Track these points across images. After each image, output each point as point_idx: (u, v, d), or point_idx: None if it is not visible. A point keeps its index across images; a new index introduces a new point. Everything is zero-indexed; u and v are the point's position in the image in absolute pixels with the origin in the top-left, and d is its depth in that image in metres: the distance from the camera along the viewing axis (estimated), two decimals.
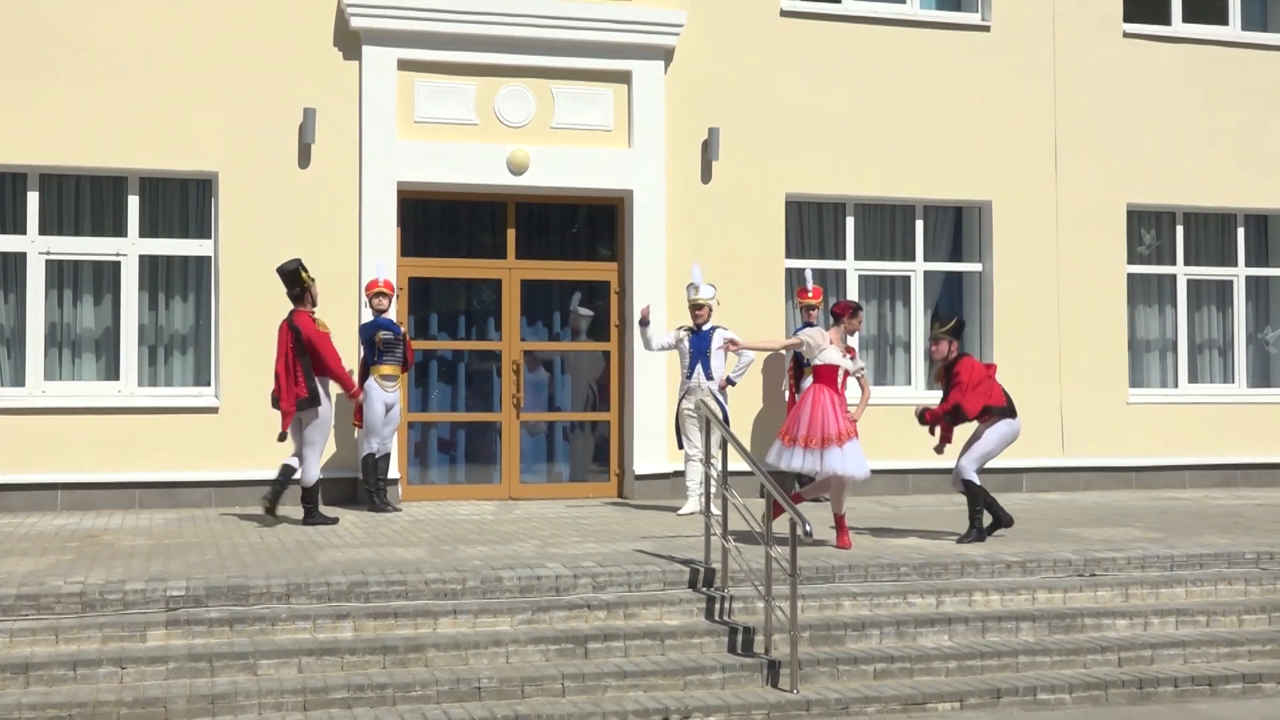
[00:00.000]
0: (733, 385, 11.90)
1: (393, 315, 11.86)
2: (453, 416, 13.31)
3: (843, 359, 9.81)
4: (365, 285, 12.05)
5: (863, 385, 10.19)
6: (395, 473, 12.36)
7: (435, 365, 13.17)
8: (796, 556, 7.59)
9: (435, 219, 13.26)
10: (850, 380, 10.35)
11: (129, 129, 12.17)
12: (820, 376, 9.72)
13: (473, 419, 13.30)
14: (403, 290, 12.82)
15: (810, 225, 14.09)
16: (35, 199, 12.27)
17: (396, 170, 12.65)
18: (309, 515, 10.68)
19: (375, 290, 11.68)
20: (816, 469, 9.48)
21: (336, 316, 11.78)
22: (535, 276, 13.31)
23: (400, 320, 12.42)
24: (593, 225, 13.64)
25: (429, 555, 8.90)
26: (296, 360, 10.50)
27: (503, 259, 13.24)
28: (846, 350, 10.06)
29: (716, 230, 13.39)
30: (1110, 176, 14.57)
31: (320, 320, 10.80)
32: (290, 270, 10.76)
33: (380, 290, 11.66)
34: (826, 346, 9.76)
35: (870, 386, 10.17)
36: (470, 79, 12.92)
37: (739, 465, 9.30)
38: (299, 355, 10.51)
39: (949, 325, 10.17)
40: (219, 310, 12.35)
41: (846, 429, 9.52)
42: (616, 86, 13.25)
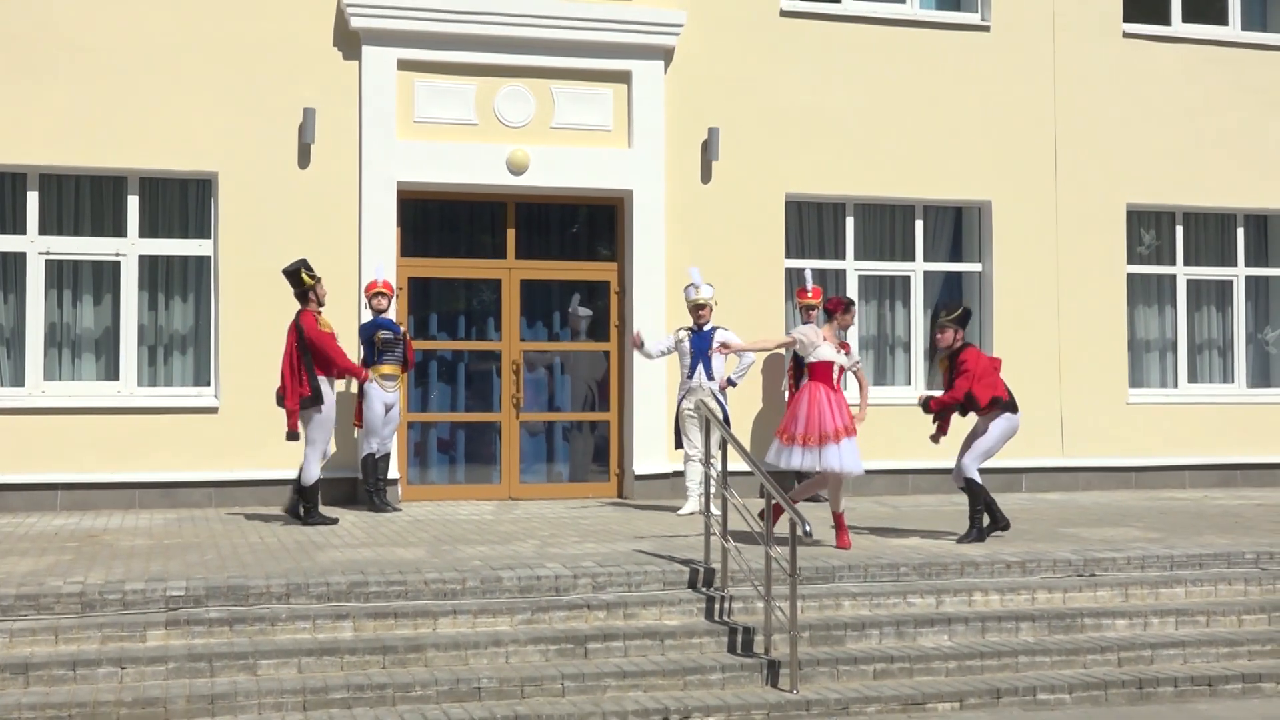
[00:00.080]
0: (733, 386, 11.90)
1: (392, 315, 11.88)
2: (452, 416, 13.31)
3: (837, 355, 9.80)
4: (365, 286, 12.08)
5: (861, 380, 10.17)
6: (395, 473, 12.37)
7: (435, 365, 13.18)
8: (796, 556, 7.59)
9: (435, 219, 13.26)
10: (849, 377, 10.36)
11: (129, 129, 12.17)
12: (815, 374, 9.71)
13: (472, 419, 13.31)
14: (402, 290, 12.82)
15: (810, 225, 14.09)
16: (35, 199, 12.27)
17: (396, 170, 12.65)
18: (308, 515, 10.69)
19: (374, 290, 11.70)
20: (815, 466, 9.49)
21: (336, 317, 11.75)
22: (535, 276, 13.32)
23: (400, 320, 12.42)
24: (592, 225, 13.64)
25: (429, 555, 8.90)
26: (300, 360, 10.57)
27: (502, 259, 13.24)
28: (841, 346, 10.05)
29: (716, 230, 13.39)
30: (1110, 176, 14.58)
31: (324, 319, 10.83)
32: (291, 271, 10.81)
33: (379, 290, 11.68)
34: (820, 343, 9.75)
35: (868, 382, 10.15)
36: (470, 79, 12.93)
37: (739, 465, 9.31)
38: (302, 354, 10.58)
39: (955, 313, 10.15)
40: (219, 310, 12.36)
41: (844, 425, 9.52)
42: (616, 86, 13.26)
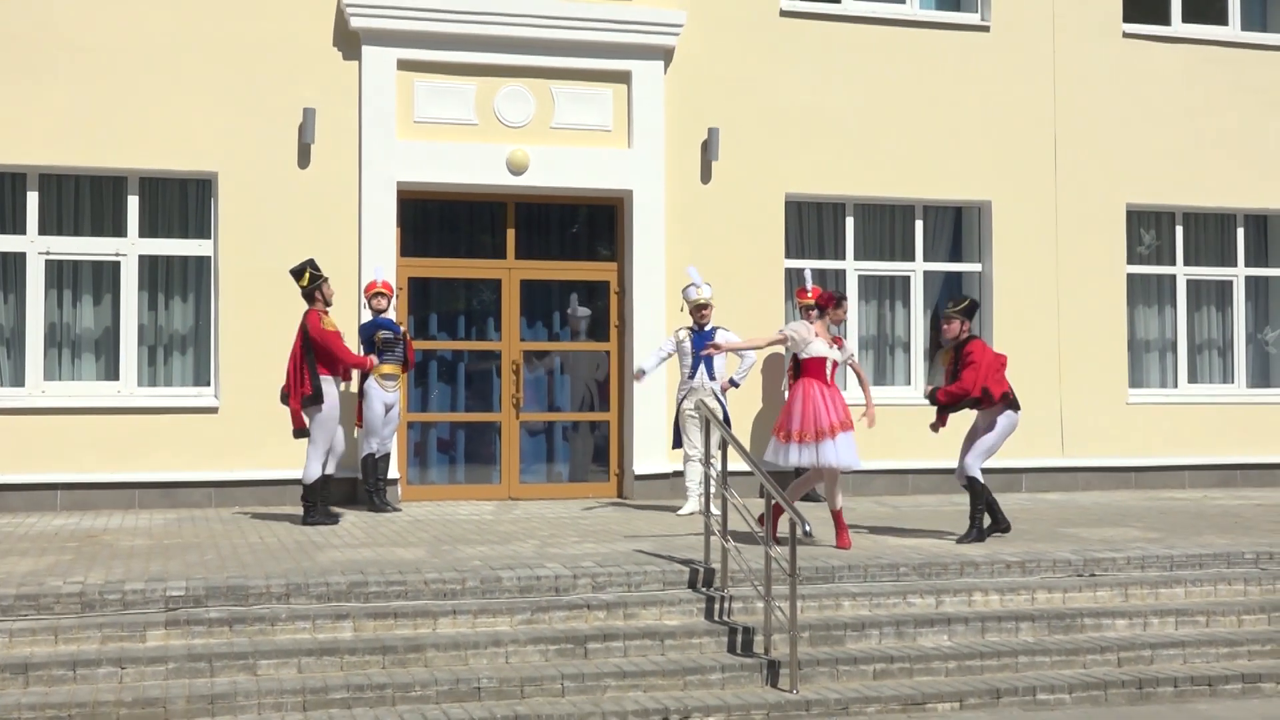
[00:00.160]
0: (736, 387, 11.88)
1: (392, 315, 11.88)
2: (452, 417, 13.31)
3: (829, 350, 9.76)
4: (364, 286, 12.08)
5: (859, 373, 10.16)
6: (395, 473, 12.37)
7: (435, 365, 13.18)
8: (796, 556, 7.59)
9: (435, 219, 13.26)
10: (849, 372, 10.32)
11: (129, 129, 12.17)
12: (808, 370, 9.68)
13: (472, 419, 13.31)
14: (402, 290, 12.82)
15: (810, 225, 14.08)
16: (35, 199, 12.27)
17: (396, 170, 12.65)
18: (308, 514, 10.69)
19: (374, 291, 11.71)
20: (813, 462, 9.47)
21: (336, 317, 11.70)
22: (535, 276, 13.32)
23: (400, 320, 12.42)
24: (592, 225, 13.64)
25: (428, 555, 8.90)
26: (304, 359, 10.61)
27: (502, 259, 13.24)
28: (834, 341, 10.04)
29: (716, 230, 13.39)
30: (1110, 176, 14.58)
31: (328, 319, 10.84)
32: (294, 271, 10.90)
33: (379, 291, 11.69)
34: (812, 339, 9.71)
35: (869, 380, 10.11)
36: (470, 79, 12.93)
37: (739, 465, 9.30)
38: (306, 353, 10.61)
39: (962, 305, 10.14)
40: (219, 310, 12.36)
41: (840, 420, 9.51)
42: (616, 86, 13.26)
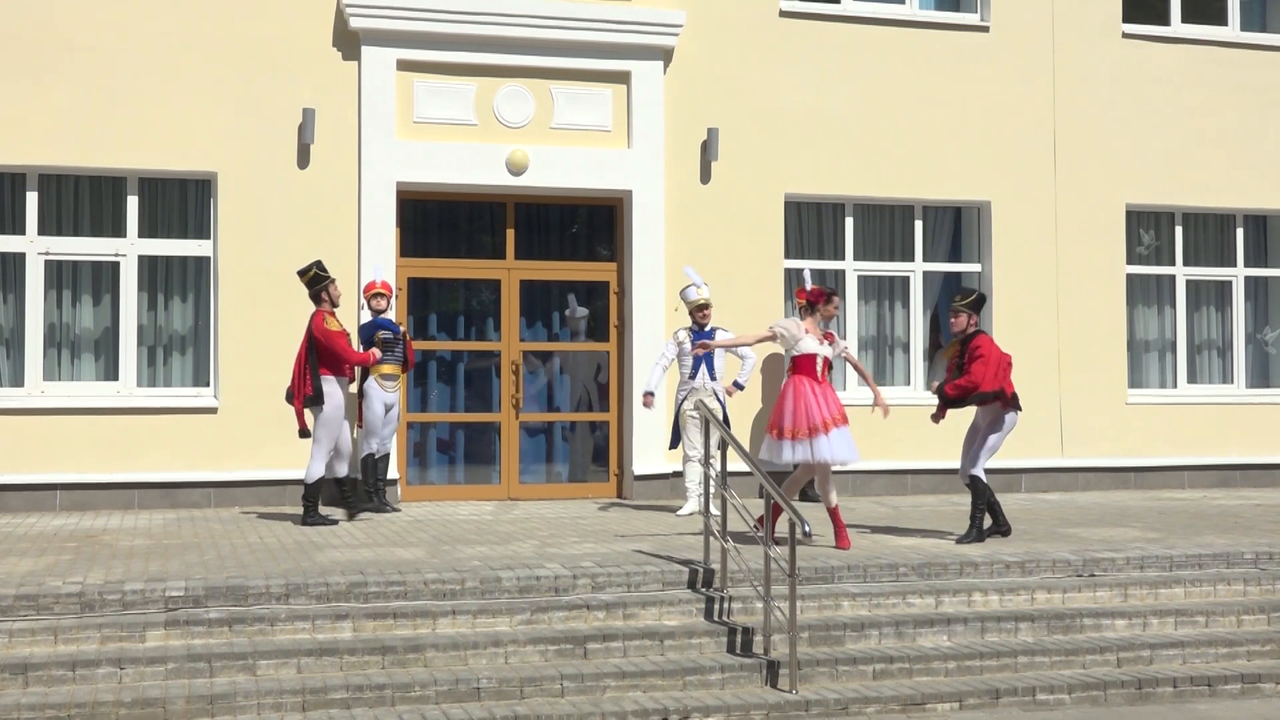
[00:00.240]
0: (740, 389, 11.84)
1: (392, 315, 11.88)
2: (452, 417, 13.31)
3: (820, 347, 9.74)
4: (364, 287, 12.07)
5: (858, 367, 10.12)
6: (394, 473, 12.37)
7: (434, 365, 13.18)
8: (795, 557, 7.59)
9: (434, 219, 13.26)
10: (849, 370, 10.30)
11: (129, 129, 12.17)
12: (799, 367, 9.65)
13: (472, 419, 13.31)
14: (402, 290, 12.82)
15: (809, 226, 14.08)
16: (34, 199, 12.27)
17: (396, 170, 12.65)
18: (307, 514, 10.69)
19: (373, 291, 11.70)
20: (808, 458, 9.46)
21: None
22: (534, 277, 13.32)
23: (400, 320, 12.42)
24: (592, 225, 13.64)
25: (428, 556, 8.90)
26: (308, 359, 10.66)
27: (502, 259, 13.24)
28: (825, 337, 10.02)
29: (716, 231, 13.39)
30: (1109, 177, 14.58)
31: (333, 319, 10.85)
32: (299, 272, 10.98)
33: (378, 291, 11.68)
34: (802, 336, 9.67)
35: (868, 370, 10.05)
36: (469, 79, 12.93)
37: (738, 465, 9.30)
38: (310, 354, 10.66)
39: (970, 299, 10.12)
40: (218, 310, 12.36)
41: (833, 416, 9.49)
42: (616, 87, 13.26)
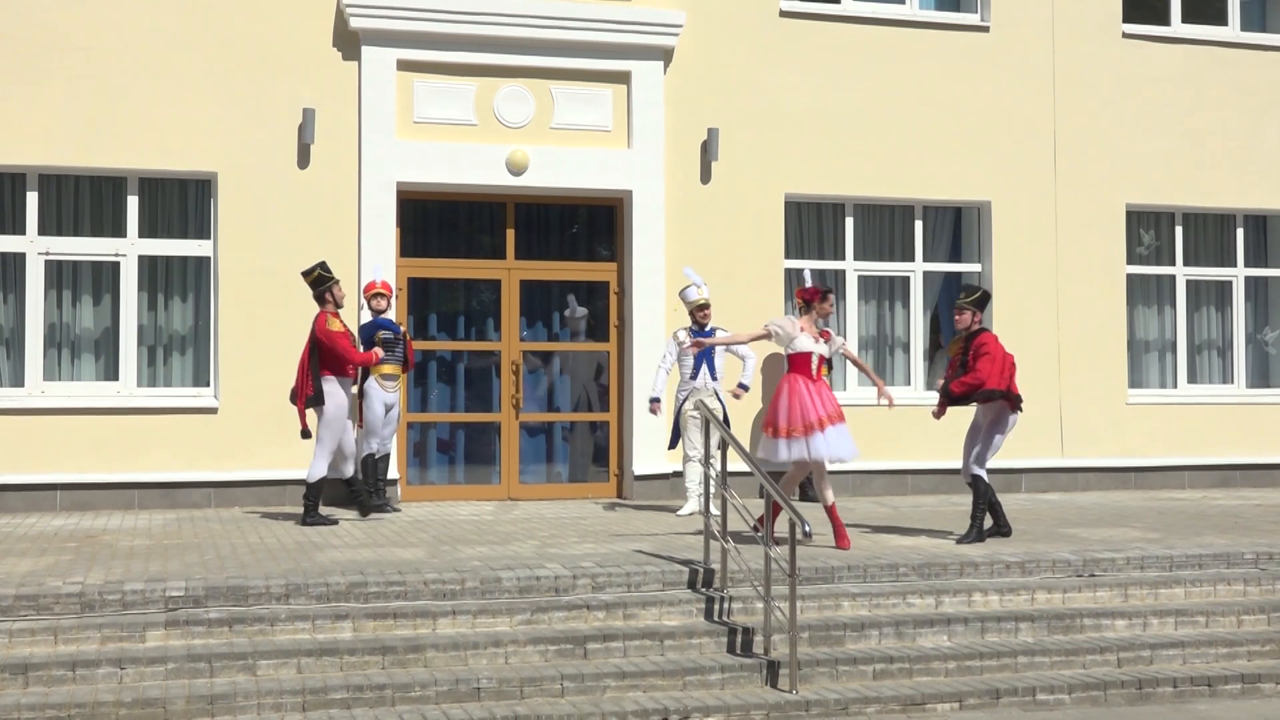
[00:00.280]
0: (746, 390, 11.79)
1: (392, 315, 11.88)
2: (452, 417, 13.31)
3: (816, 345, 9.73)
4: (364, 287, 12.07)
5: (858, 362, 10.09)
6: (394, 473, 12.37)
7: (434, 366, 13.18)
8: (795, 557, 7.59)
9: (434, 219, 13.26)
10: (849, 366, 10.29)
11: (128, 129, 12.17)
12: (794, 366, 9.63)
13: (472, 419, 13.31)
14: (402, 291, 12.82)
15: (809, 226, 14.08)
16: (34, 199, 12.27)
17: (396, 171, 12.65)
18: (307, 514, 10.69)
19: (373, 291, 11.70)
20: (804, 456, 9.45)
21: None
22: (534, 277, 13.32)
23: (400, 320, 12.42)
24: (592, 226, 13.64)
25: (428, 556, 8.90)
26: (310, 359, 10.69)
27: (502, 259, 13.24)
28: (821, 335, 10.03)
29: (716, 231, 13.39)
30: (1109, 177, 14.58)
31: (336, 320, 10.87)
32: (304, 273, 11.04)
33: (378, 291, 11.68)
34: (797, 334, 9.66)
35: (868, 364, 10.02)
36: (469, 79, 12.93)
37: (739, 465, 9.30)
38: (312, 354, 10.69)
39: (974, 296, 10.10)
40: (218, 311, 12.36)
41: (829, 413, 9.48)
42: (616, 87, 13.26)
